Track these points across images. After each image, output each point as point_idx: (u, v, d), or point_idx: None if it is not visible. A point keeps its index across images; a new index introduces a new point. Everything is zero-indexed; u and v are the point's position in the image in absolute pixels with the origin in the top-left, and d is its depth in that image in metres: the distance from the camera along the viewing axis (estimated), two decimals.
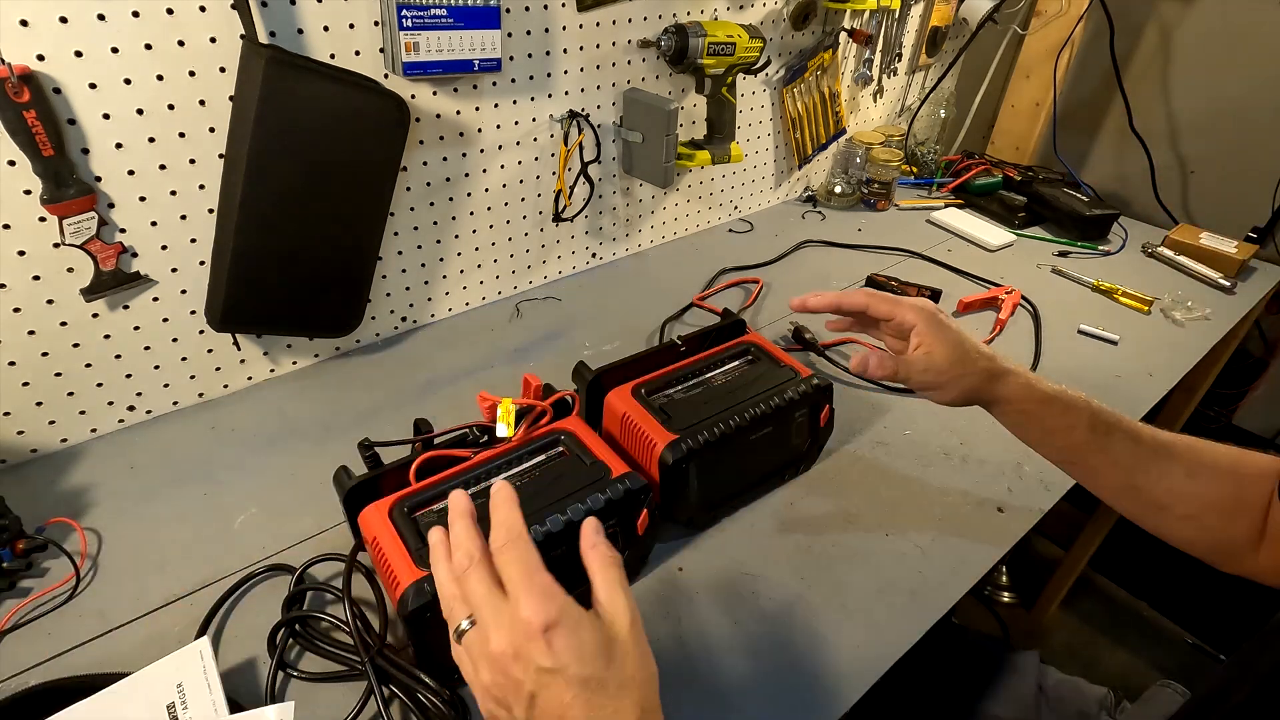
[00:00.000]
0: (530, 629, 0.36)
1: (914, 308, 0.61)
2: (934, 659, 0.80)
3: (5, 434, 0.71)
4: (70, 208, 0.64)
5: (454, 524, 0.42)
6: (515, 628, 0.37)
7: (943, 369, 0.59)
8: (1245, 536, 0.55)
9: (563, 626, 0.37)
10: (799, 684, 0.56)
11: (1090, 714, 0.78)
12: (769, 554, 0.67)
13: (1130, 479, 0.58)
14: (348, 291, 0.83)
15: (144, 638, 0.58)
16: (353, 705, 0.52)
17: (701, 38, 0.94)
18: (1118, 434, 0.58)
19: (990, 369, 0.59)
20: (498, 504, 0.42)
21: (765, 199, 1.34)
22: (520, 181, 0.96)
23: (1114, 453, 0.58)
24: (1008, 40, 1.40)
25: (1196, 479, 0.56)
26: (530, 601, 0.37)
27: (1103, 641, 1.62)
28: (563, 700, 0.36)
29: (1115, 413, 0.59)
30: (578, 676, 0.36)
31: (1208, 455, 0.57)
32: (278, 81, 0.66)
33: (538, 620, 0.36)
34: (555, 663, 0.36)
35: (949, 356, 0.59)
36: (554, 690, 0.36)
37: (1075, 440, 0.59)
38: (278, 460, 0.75)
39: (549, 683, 0.36)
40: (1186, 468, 0.56)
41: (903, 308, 0.61)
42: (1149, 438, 0.58)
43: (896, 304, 0.62)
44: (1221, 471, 0.56)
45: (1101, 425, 0.58)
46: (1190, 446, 0.58)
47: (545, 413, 0.67)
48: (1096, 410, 0.59)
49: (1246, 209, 1.25)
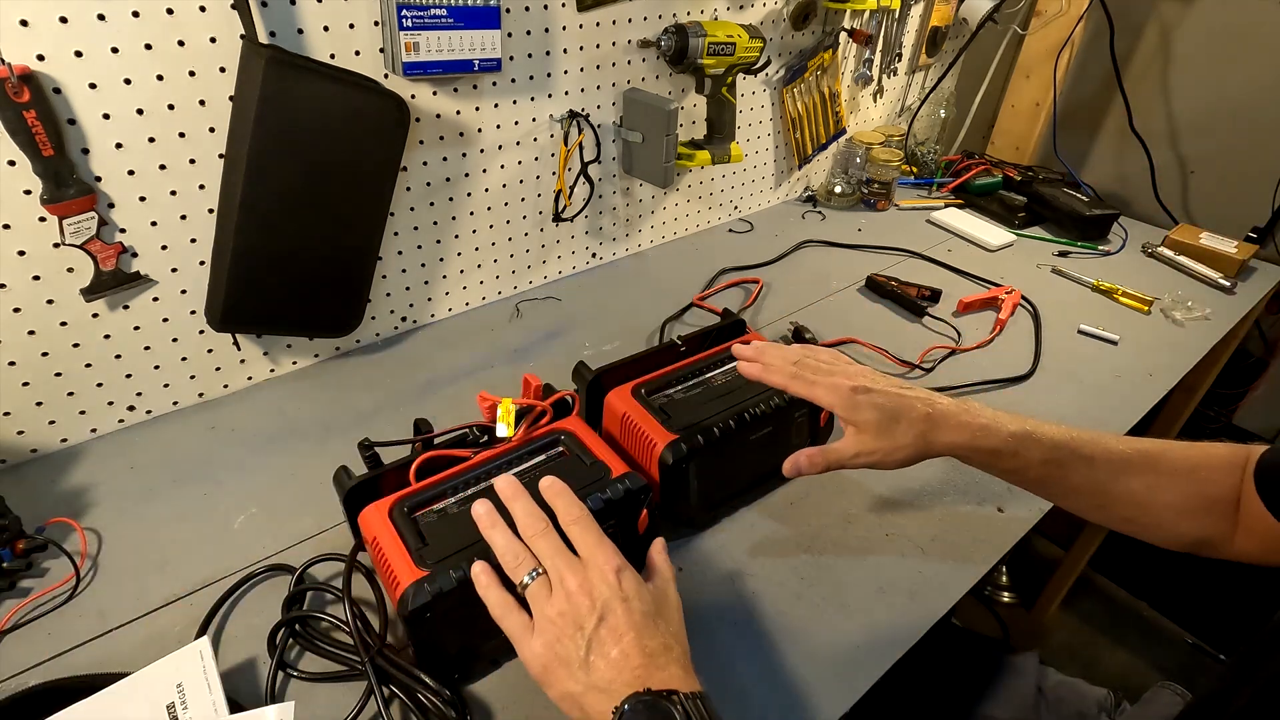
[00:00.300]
0: (605, 570, 0.45)
1: (829, 389, 0.57)
2: (934, 659, 0.80)
3: (5, 434, 0.71)
4: (70, 208, 0.64)
5: (515, 501, 0.49)
6: (590, 570, 0.45)
7: (874, 447, 0.56)
8: (1218, 530, 0.56)
9: (629, 572, 0.46)
10: (799, 684, 0.56)
11: (1089, 715, 0.78)
12: (769, 554, 0.67)
13: (1093, 500, 0.59)
14: (348, 291, 0.83)
15: (144, 638, 0.58)
16: (353, 705, 0.52)
17: (701, 38, 0.94)
18: (1071, 464, 0.57)
19: (926, 434, 0.56)
20: (558, 493, 0.50)
21: (765, 199, 1.34)
22: (520, 181, 0.96)
23: (1072, 482, 0.58)
24: (1008, 40, 1.40)
25: (1157, 489, 0.57)
26: (604, 552, 0.46)
27: (1103, 642, 1.62)
28: (622, 624, 0.43)
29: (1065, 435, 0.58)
30: (638, 609, 0.44)
31: (1165, 462, 0.57)
32: (278, 81, 0.66)
33: (611, 564, 0.45)
34: (623, 594, 0.44)
35: (878, 433, 0.56)
36: (618, 614, 0.43)
37: (1033, 477, 0.58)
38: (278, 460, 0.75)
39: (615, 607, 0.43)
40: (1145, 482, 0.57)
41: (817, 390, 0.57)
42: (1104, 458, 0.57)
43: (811, 386, 0.58)
44: (1180, 476, 0.57)
45: (1054, 460, 0.57)
46: (1147, 456, 0.58)
47: (545, 413, 0.67)
48: (1047, 444, 0.57)
49: (1246, 209, 1.25)
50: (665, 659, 0.42)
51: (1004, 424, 0.57)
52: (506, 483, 0.50)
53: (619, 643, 0.42)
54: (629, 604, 0.43)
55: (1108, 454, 0.58)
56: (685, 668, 0.43)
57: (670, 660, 0.43)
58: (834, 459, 0.57)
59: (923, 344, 0.96)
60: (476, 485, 0.60)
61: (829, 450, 0.57)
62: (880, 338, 0.96)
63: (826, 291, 1.09)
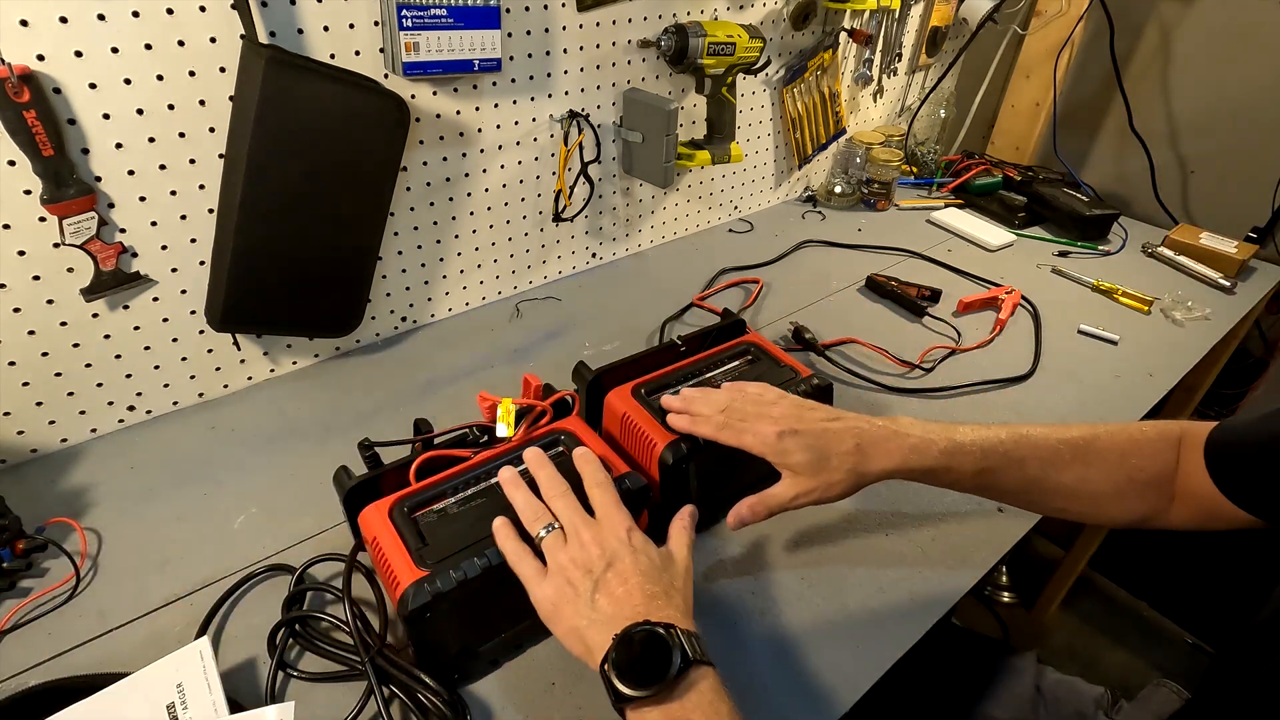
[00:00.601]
0: (616, 527, 0.50)
1: (756, 437, 0.58)
2: (933, 659, 0.80)
3: (5, 434, 0.71)
4: (70, 208, 0.64)
5: (540, 469, 0.55)
6: (603, 526, 0.50)
7: (811, 487, 0.57)
8: (1152, 508, 0.60)
9: (639, 533, 0.51)
10: (798, 684, 0.56)
11: (1087, 714, 0.78)
12: (769, 554, 0.67)
13: (1028, 496, 0.62)
14: (348, 291, 0.83)
15: (144, 638, 0.58)
16: (353, 705, 0.52)
17: (701, 38, 0.94)
18: (1003, 469, 0.59)
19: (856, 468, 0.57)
20: (587, 460, 0.56)
21: (765, 199, 1.34)
22: (520, 181, 0.96)
23: (1006, 485, 0.61)
24: (1008, 40, 1.40)
25: (1087, 481, 0.60)
26: (619, 514, 0.51)
27: (1103, 641, 1.62)
28: (629, 569, 0.47)
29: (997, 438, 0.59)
30: (644, 560, 0.48)
31: (1094, 453, 0.60)
32: (278, 81, 0.66)
33: (624, 524, 0.50)
34: (631, 546, 0.49)
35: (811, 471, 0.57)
36: (625, 561, 0.48)
37: (967, 487, 0.61)
38: (278, 460, 0.75)
39: (623, 554, 0.48)
40: (1076, 474, 0.59)
41: (745, 438, 0.58)
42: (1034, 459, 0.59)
43: (740, 435, 0.59)
44: (1110, 465, 0.60)
45: (986, 469, 0.58)
46: (1076, 448, 0.59)
47: (545, 413, 0.67)
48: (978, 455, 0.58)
49: (1246, 209, 1.25)
50: (665, 601, 0.46)
51: (933, 441, 0.58)
52: (533, 453, 0.57)
53: (624, 584, 0.46)
54: (636, 555, 0.48)
55: (1037, 452, 0.60)
56: (685, 612, 0.47)
57: (670, 604, 0.46)
58: (774, 504, 0.57)
59: (923, 344, 0.96)
60: (477, 485, 0.60)
61: (768, 496, 0.58)
62: (880, 338, 0.96)
63: (826, 291, 1.09)
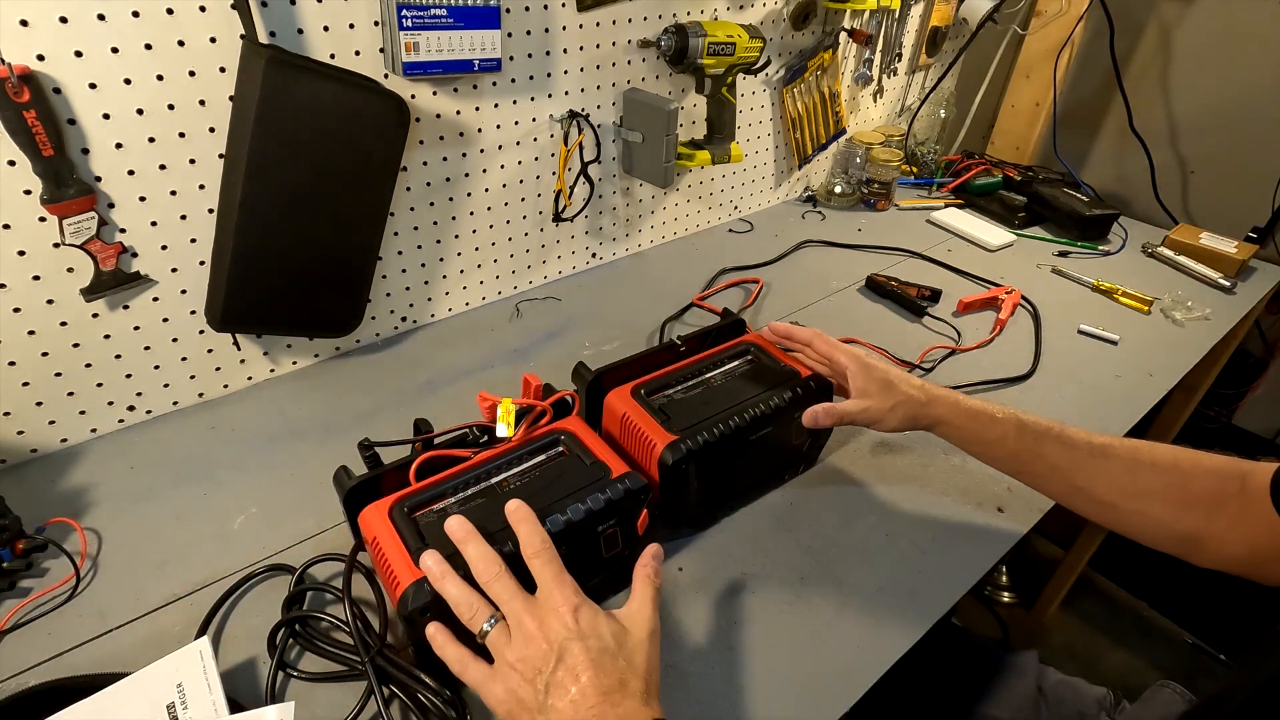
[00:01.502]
0: (561, 610, 0.45)
1: (847, 353, 0.70)
2: (934, 659, 0.80)
3: (5, 434, 0.71)
4: (70, 208, 0.64)
5: (469, 544, 0.48)
6: (547, 610, 0.45)
7: (878, 404, 0.66)
8: (1203, 528, 0.57)
9: (586, 609, 0.46)
10: (798, 684, 0.56)
11: (1089, 715, 0.78)
12: (769, 554, 0.67)
13: (1072, 481, 0.61)
14: (348, 291, 0.83)
15: (144, 638, 0.58)
16: (353, 705, 0.52)
17: (701, 38, 0.94)
18: (1048, 440, 0.62)
19: (918, 397, 0.66)
20: (521, 519, 0.49)
21: (765, 199, 1.34)
22: (520, 181, 0.96)
23: (1049, 458, 0.62)
24: (1008, 40, 1.40)
25: (1137, 474, 0.59)
26: (562, 591, 0.46)
27: (1103, 641, 1.62)
28: (579, 664, 0.43)
29: (1045, 421, 0.63)
30: (595, 647, 0.44)
31: (1146, 453, 0.59)
32: (278, 81, 0.66)
33: (569, 603, 0.45)
34: (578, 632, 0.44)
35: (880, 391, 0.66)
36: (575, 654, 0.43)
37: (1010, 449, 0.63)
38: (278, 460, 0.75)
39: (571, 647, 0.43)
40: (1125, 465, 0.59)
41: (838, 352, 0.70)
42: (1083, 441, 0.61)
43: (834, 348, 0.71)
44: (1163, 468, 0.59)
45: (1030, 433, 0.62)
46: (1128, 446, 0.60)
47: (545, 413, 0.67)
48: (1024, 420, 0.63)
49: (1246, 209, 1.25)
50: (620, 695, 0.43)
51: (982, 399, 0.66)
52: (458, 524, 0.49)
53: (576, 682, 0.43)
54: (586, 643, 0.44)
55: (1088, 440, 0.61)
56: (644, 699, 0.44)
57: (625, 696, 0.43)
58: (843, 413, 0.67)
59: (923, 344, 0.96)
60: (476, 485, 0.60)
61: (837, 406, 0.68)
62: (880, 338, 0.96)
63: (826, 291, 1.09)
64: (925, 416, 0.66)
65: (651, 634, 0.47)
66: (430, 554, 0.49)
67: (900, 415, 0.65)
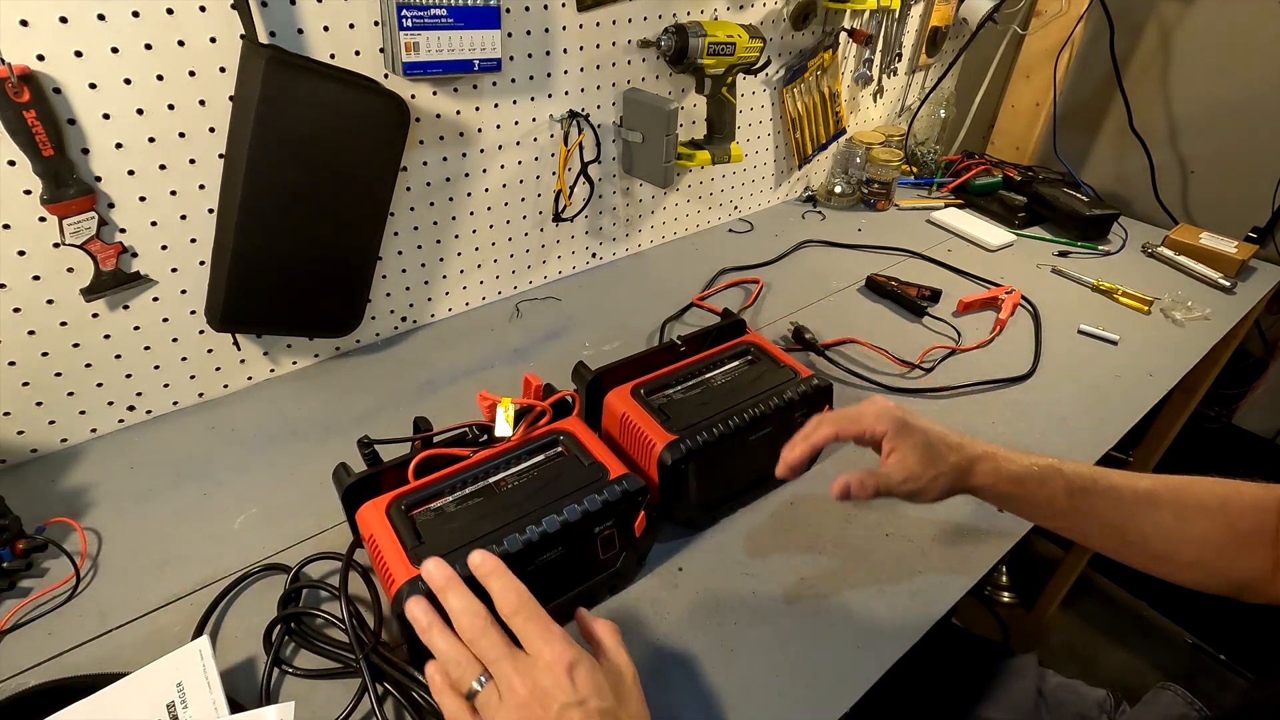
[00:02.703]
0: (555, 670, 0.40)
1: (878, 416, 0.58)
2: (933, 660, 0.79)
3: (5, 434, 0.71)
4: (70, 208, 0.64)
5: (451, 594, 0.43)
6: (538, 671, 0.40)
7: (919, 474, 0.57)
8: (1254, 570, 0.54)
9: (583, 665, 0.41)
10: (798, 684, 0.56)
11: (1090, 717, 0.78)
12: (768, 554, 0.67)
13: (1123, 535, 0.58)
14: (348, 291, 0.83)
15: (144, 637, 0.58)
16: (347, 702, 0.52)
17: (701, 38, 0.94)
18: (1097, 494, 0.57)
19: (960, 464, 0.58)
20: (493, 572, 0.44)
21: (765, 199, 1.34)
22: (520, 181, 0.96)
23: (1100, 513, 0.58)
24: (1008, 40, 1.40)
25: (1187, 521, 0.56)
26: (554, 647, 0.41)
27: (1103, 642, 1.62)
28: None
29: (1089, 469, 0.59)
30: (597, 709, 0.40)
31: (1191, 495, 0.57)
32: (278, 81, 0.66)
33: (562, 662, 0.40)
34: (578, 696, 0.39)
35: (921, 459, 0.57)
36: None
37: (1060, 509, 0.58)
38: (278, 460, 0.75)
39: (572, 714, 0.39)
40: (1174, 511, 0.56)
41: (866, 420, 0.59)
42: (1129, 489, 0.57)
43: (859, 419, 0.59)
44: (1210, 510, 0.56)
45: (1079, 489, 0.58)
46: (1173, 489, 0.57)
47: (545, 413, 0.67)
48: (1070, 475, 0.58)
49: (1246, 209, 1.25)
50: None
51: (1024, 455, 0.59)
52: (436, 569, 0.44)
53: None
54: (586, 707, 0.39)
55: (1133, 487, 0.57)
56: None
57: None
58: (883, 484, 0.57)
59: (923, 344, 0.96)
60: (475, 484, 0.60)
61: (879, 475, 0.57)
62: (880, 338, 0.96)
63: (826, 291, 1.09)
64: (966, 486, 0.59)
65: (635, 677, 0.44)
66: (418, 602, 0.44)
67: (942, 486, 0.58)
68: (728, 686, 0.56)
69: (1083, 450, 0.81)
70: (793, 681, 0.56)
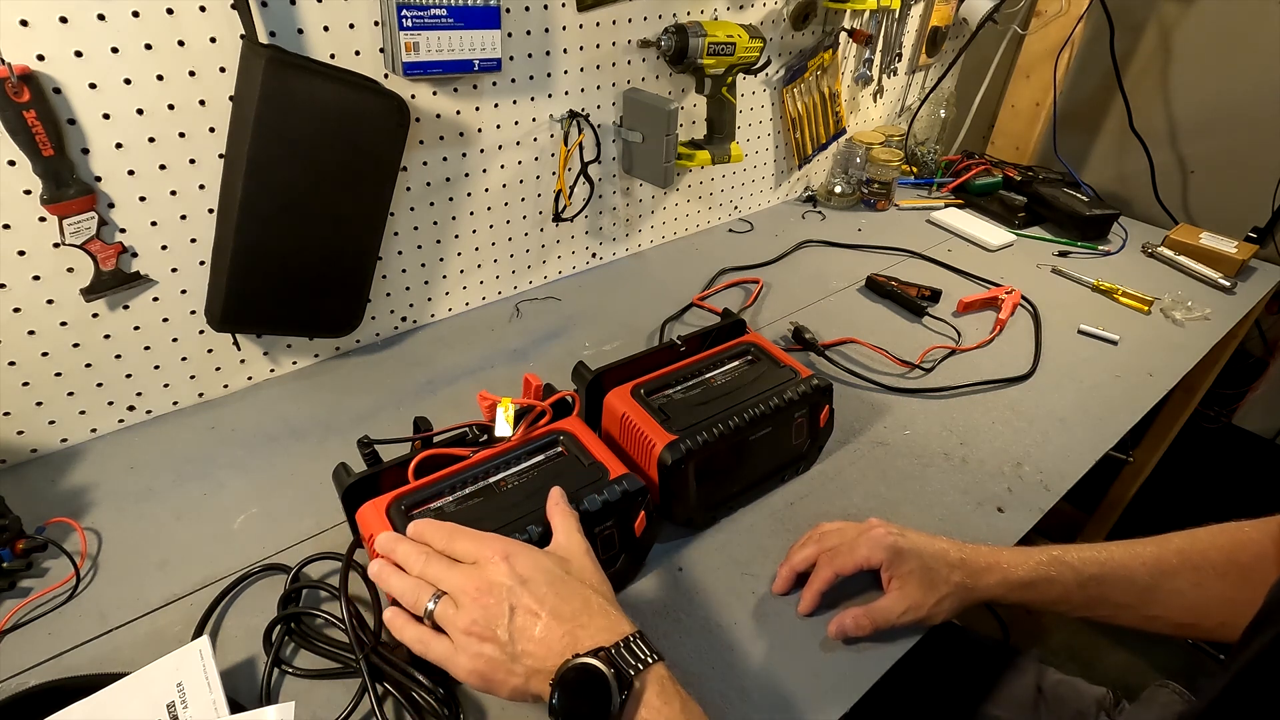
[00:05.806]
0: (494, 563, 0.45)
1: (872, 547, 0.58)
2: (933, 659, 0.80)
3: (5, 434, 0.71)
4: (70, 208, 0.64)
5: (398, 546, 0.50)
6: (482, 569, 0.45)
7: (921, 601, 0.57)
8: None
9: (519, 553, 0.46)
10: (798, 684, 0.56)
11: (1089, 714, 0.77)
12: (769, 554, 0.67)
13: (1144, 612, 0.58)
14: (348, 291, 0.83)
15: (144, 637, 0.58)
16: (347, 702, 0.52)
17: (701, 38, 0.94)
18: (1108, 581, 0.57)
19: (964, 582, 0.58)
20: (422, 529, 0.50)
21: (765, 199, 1.34)
22: (520, 181, 0.96)
23: (1115, 598, 0.58)
24: (1008, 40, 1.40)
25: (1204, 588, 0.56)
26: (486, 544, 0.47)
27: (1102, 641, 1.61)
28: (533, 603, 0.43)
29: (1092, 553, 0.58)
30: (543, 581, 0.45)
31: (1200, 557, 0.57)
32: (278, 81, 0.66)
33: (497, 553, 0.46)
34: (520, 578, 0.45)
35: (921, 585, 0.57)
36: (524, 597, 0.44)
37: (1075, 603, 0.58)
38: (278, 460, 0.75)
39: (520, 593, 0.44)
40: (1190, 580, 0.56)
41: (859, 552, 0.58)
42: (1139, 567, 0.57)
43: (853, 552, 0.59)
44: (1221, 569, 0.56)
45: (1090, 578, 0.57)
46: (1181, 552, 0.57)
47: (545, 413, 0.67)
48: (1077, 565, 0.58)
49: (1246, 209, 1.25)
50: (586, 617, 0.44)
51: (1029, 553, 0.58)
52: (385, 538, 0.51)
53: (538, 619, 0.43)
54: (531, 583, 0.44)
55: (1139, 558, 0.57)
56: (608, 614, 0.44)
57: (591, 615, 0.44)
58: (882, 618, 0.57)
59: (923, 344, 0.96)
60: (474, 484, 0.60)
61: (876, 610, 0.57)
62: (880, 338, 0.96)
63: (826, 291, 1.09)
64: (975, 600, 0.59)
65: (588, 552, 0.48)
66: (375, 561, 0.51)
67: (948, 609, 0.57)
68: (727, 687, 0.56)
69: (1083, 450, 0.81)
70: (793, 681, 0.56)
